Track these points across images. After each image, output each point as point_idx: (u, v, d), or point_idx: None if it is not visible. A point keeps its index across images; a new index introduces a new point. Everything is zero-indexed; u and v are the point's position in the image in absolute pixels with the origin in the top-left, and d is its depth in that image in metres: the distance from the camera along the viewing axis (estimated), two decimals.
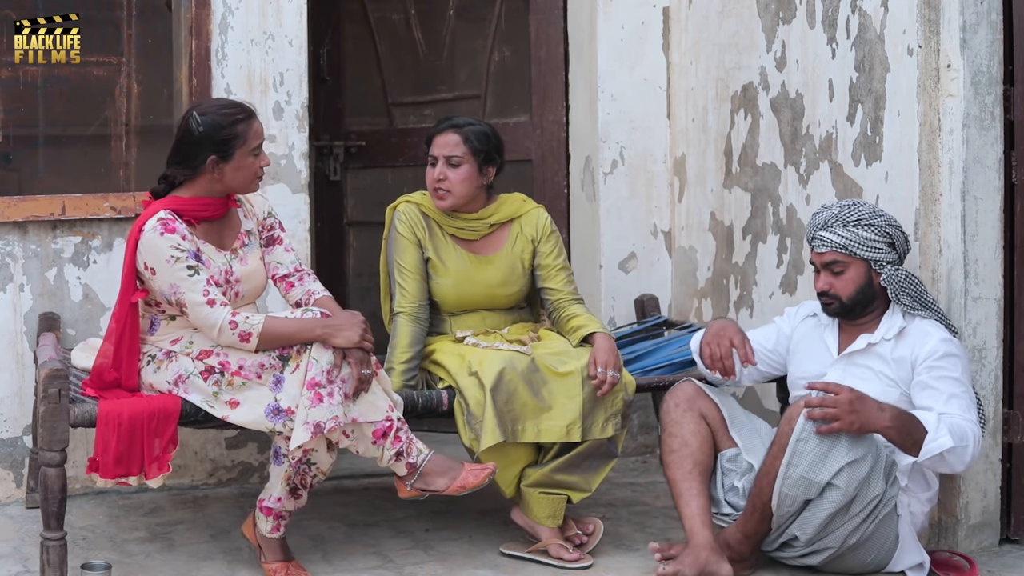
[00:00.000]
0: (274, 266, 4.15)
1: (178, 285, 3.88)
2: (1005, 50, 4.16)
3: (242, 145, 3.96)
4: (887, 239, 4.00)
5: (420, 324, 4.40)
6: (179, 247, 3.88)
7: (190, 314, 3.91)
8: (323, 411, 3.84)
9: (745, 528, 3.98)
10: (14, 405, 4.86)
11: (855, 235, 3.98)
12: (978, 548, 4.21)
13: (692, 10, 5.40)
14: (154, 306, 4.01)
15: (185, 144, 3.96)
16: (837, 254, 4.01)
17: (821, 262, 4.04)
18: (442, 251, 4.44)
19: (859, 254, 3.99)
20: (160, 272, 3.89)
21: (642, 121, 5.52)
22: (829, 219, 4.01)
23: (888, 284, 3.99)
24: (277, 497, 4.04)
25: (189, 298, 3.88)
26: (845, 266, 4.01)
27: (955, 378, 3.89)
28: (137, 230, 3.92)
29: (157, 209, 3.93)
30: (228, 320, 3.88)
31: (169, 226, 3.89)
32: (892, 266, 4.00)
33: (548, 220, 4.52)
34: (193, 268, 3.89)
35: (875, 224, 3.99)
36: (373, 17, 5.95)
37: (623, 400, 4.24)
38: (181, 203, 3.96)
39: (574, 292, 4.48)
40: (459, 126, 4.40)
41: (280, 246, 4.17)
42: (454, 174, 4.37)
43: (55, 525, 3.89)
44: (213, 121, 3.94)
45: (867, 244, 3.98)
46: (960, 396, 3.88)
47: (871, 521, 3.89)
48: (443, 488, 3.99)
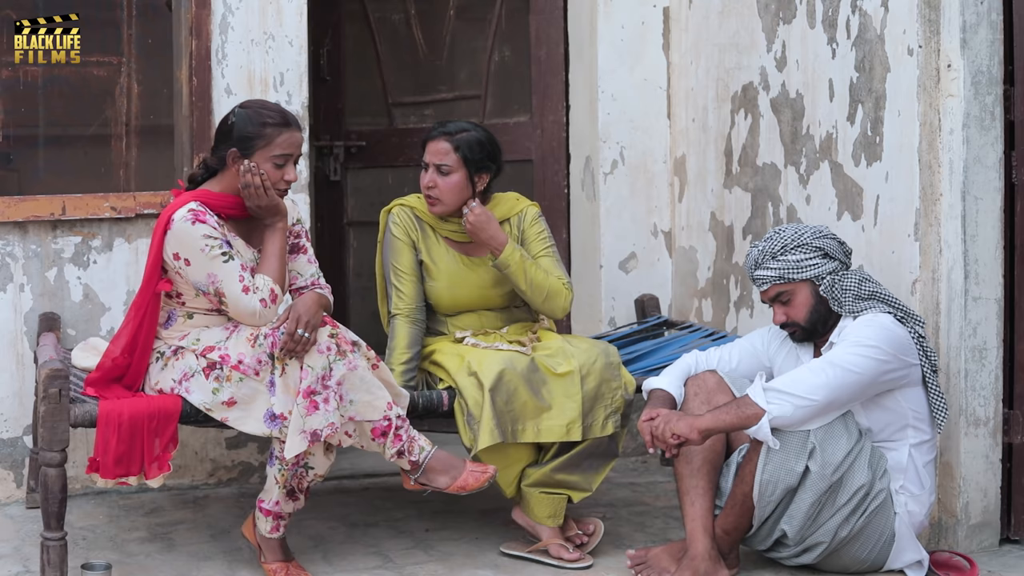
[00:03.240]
0: (294, 275, 4.12)
1: (215, 273, 3.88)
2: (1005, 50, 4.16)
3: (264, 147, 3.94)
4: (819, 252, 4.02)
5: (417, 325, 4.40)
6: (211, 235, 3.88)
7: (228, 302, 3.91)
8: (319, 419, 3.84)
9: (725, 523, 3.98)
10: (14, 405, 4.86)
11: (786, 262, 4.02)
12: (978, 548, 4.21)
13: (692, 10, 5.40)
14: (175, 298, 4.00)
15: (219, 131, 4.02)
16: (778, 286, 4.04)
17: (768, 298, 4.09)
18: (435, 253, 4.44)
19: (797, 278, 4.02)
20: (195, 262, 3.89)
21: (642, 121, 5.52)
22: (758, 257, 4.06)
23: (827, 295, 4.01)
24: (275, 500, 4.04)
25: (228, 287, 3.89)
26: (791, 294, 4.05)
27: (852, 341, 3.90)
28: (166, 219, 3.91)
29: (187, 200, 3.93)
30: (258, 302, 3.90)
31: (200, 216, 3.89)
32: (833, 275, 4.02)
33: (535, 212, 4.50)
34: (227, 255, 3.89)
35: (801, 244, 4.02)
36: (373, 17, 5.95)
37: (623, 397, 4.24)
38: (209, 196, 3.97)
39: (560, 276, 4.43)
40: (451, 133, 4.37)
41: (304, 256, 4.15)
42: (443, 182, 4.36)
43: (55, 525, 3.89)
44: (246, 115, 3.96)
45: (800, 265, 4.02)
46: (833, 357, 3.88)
47: (861, 514, 3.91)
48: (445, 486, 3.99)
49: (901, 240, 4.28)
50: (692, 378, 4.11)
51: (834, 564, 4.01)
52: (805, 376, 3.86)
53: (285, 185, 3.99)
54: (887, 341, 3.90)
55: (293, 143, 3.97)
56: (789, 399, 3.81)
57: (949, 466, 4.22)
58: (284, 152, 3.96)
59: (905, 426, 3.99)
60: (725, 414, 3.86)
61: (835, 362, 3.86)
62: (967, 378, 4.18)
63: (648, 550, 4.14)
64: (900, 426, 3.99)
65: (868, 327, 3.92)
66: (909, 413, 3.98)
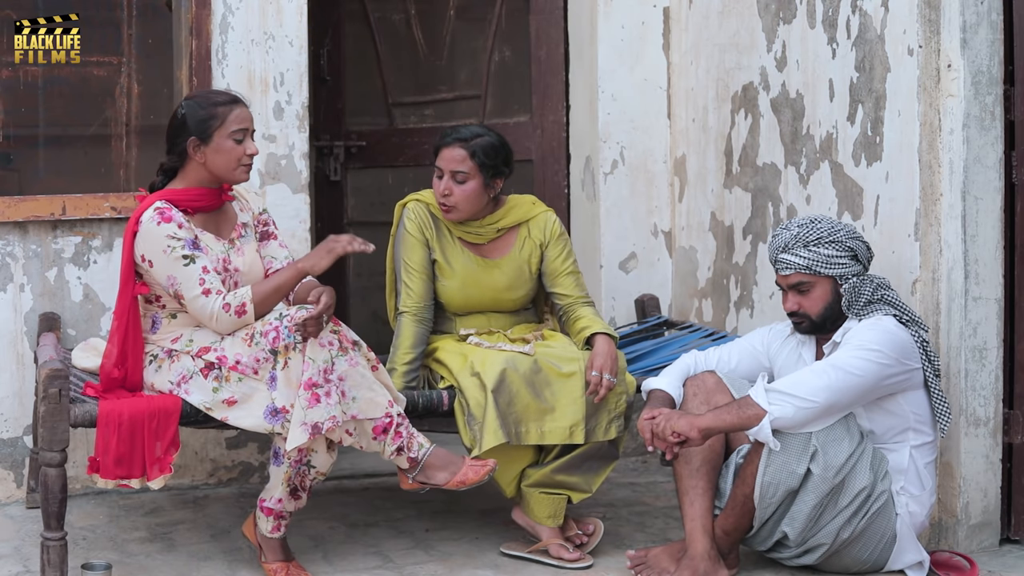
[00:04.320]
0: (269, 260, 4.17)
1: (175, 276, 3.91)
2: (1005, 50, 4.16)
3: (220, 127, 3.99)
4: (849, 253, 4.01)
5: (424, 324, 4.39)
6: (175, 236, 3.90)
7: (187, 306, 3.94)
8: (321, 411, 3.84)
9: (725, 524, 3.98)
10: (14, 405, 4.86)
11: (817, 254, 4.00)
12: (978, 548, 4.21)
13: (692, 10, 5.40)
14: (155, 302, 4.02)
15: (171, 129, 4.04)
16: (802, 275, 4.02)
17: (787, 284, 4.06)
18: (449, 253, 4.43)
19: (824, 272, 4.00)
20: (157, 263, 3.92)
21: (642, 121, 5.52)
22: (789, 241, 4.02)
23: (845, 295, 4.00)
24: (278, 498, 4.04)
25: (186, 289, 3.91)
26: (811, 285, 4.02)
27: (855, 344, 3.89)
28: (134, 222, 3.96)
29: (153, 200, 3.97)
30: (220, 305, 3.91)
31: (166, 215, 3.92)
32: (856, 277, 4.01)
33: (556, 223, 4.49)
34: (188, 258, 3.91)
35: (835, 240, 4.00)
36: (373, 17, 5.95)
37: (626, 402, 4.24)
38: (176, 194, 4.01)
39: (584, 296, 4.46)
40: (466, 140, 4.33)
41: (275, 241, 4.21)
42: (459, 190, 4.34)
43: (55, 525, 3.89)
44: (195, 103, 4.04)
45: (830, 261, 4.00)
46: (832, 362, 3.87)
47: (862, 515, 3.90)
48: (443, 482, 3.99)
49: (901, 240, 4.28)
50: (691, 378, 4.11)
51: (835, 565, 4.00)
52: (807, 378, 3.85)
53: (248, 160, 4.05)
54: (889, 345, 3.90)
55: (245, 117, 4.04)
56: (790, 400, 3.81)
57: (949, 466, 4.22)
58: (240, 127, 4.02)
59: (906, 429, 3.98)
60: (726, 414, 3.85)
61: (837, 364, 3.86)
62: (967, 378, 4.18)
63: (648, 550, 4.14)
64: (902, 429, 3.98)
65: (871, 330, 3.92)
66: (911, 416, 3.98)
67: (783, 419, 3.81)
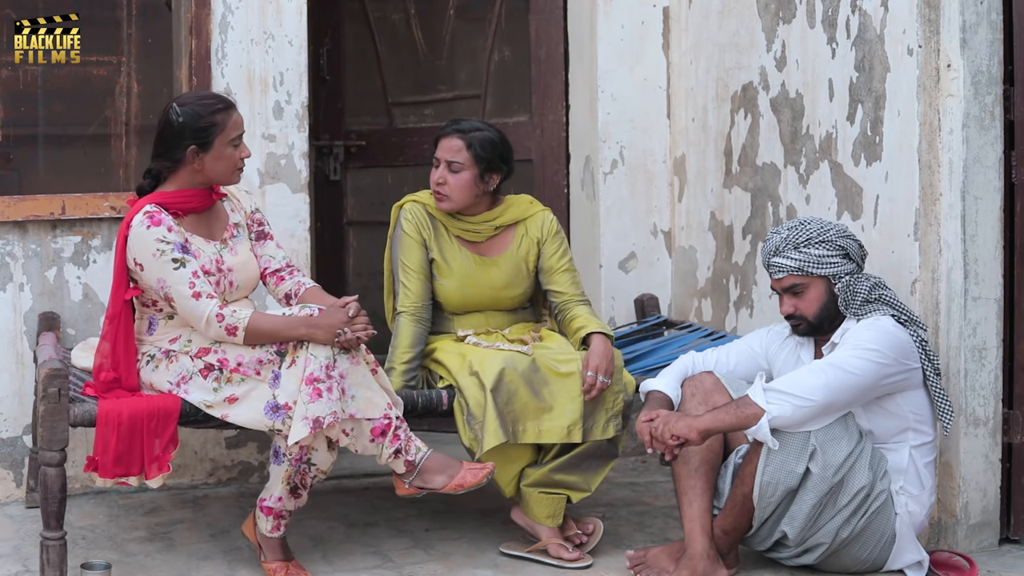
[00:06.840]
0: (266, 260, 4.18)
1: (164, 279, 3.91)
2: (1005, 50, 4.16)
3: (220, 134, 3.99)
4: (840, 252, 4.01)
5: (422, 324, 4.39)
6: (164, 239, 3.90)
7: (177, 308, 3.94)
8: (322, 406, 3.85)
9: (724, 523, 3.98)
10: (14, 405, 4.86)
11: (808, 255, 4.00)
12: (978, 548, 4.21)
13: (692, 10, 5.40)
14: (151, 306, 4.02)
15: (166, 135, 4.01)
16: (794, 277, 4.03)
17: (781, 287, 4.07)
18: (447, 252, 4.43)
19: (816, 273, 4.01)
20: (147, 267, 3.92)
21: (642, 121, 5.52)
22: (779, 244, 4.03)
23: (840, 294, 4.00)
24: (278, 497, 4.04)
25: (176, 291, 3.91)
26: (805, 287, 4.03)
27: (853, 344, 3.89)
28: (125, 227, 3.96)
29: (143, 204, 3.97)
30: (215, 313, 3.91)
31: (155, 219, 3.92)
32: (850, 276, 4.01)
33: (553, 221, 4.51)
34: (178, 261, 3.91)
35: (825, 240, 4.00)
36: (373, 17, 5.95)
37: (624, 401, 4.24)
38: (165, 197, 4.00)
39: (580, 294, 4.47)
40: (464, 131, 4.37)
41: (271, 241, 4.21)
42: (453, 179, 4.36)
43: (55, 525, 3.89)
44: (192, 111, 3.99)
45: (821, 261, 4.00)
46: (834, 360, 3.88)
47: (862, 515, 3.90)
48: (441, 486, 3.99)
49: (901, 240, 4.28)
50: (689, 379, 4.11)
51: (834, 564, 4.01)
52: (805, 377, 3.85)
53: (243, 164, 4.07)
54: (888, 344, 3.90)
55: (240, 121, 4.06)
56: (789, 399, 3.81)
57: (949, 466, 4.22)
58: (238, 132, 4.04)
59: (906, 428, 3.99)
60: (725, 414, 3.85)
61: (835, 364, 3.86)
62: (967, 378, 4.18)
63: (647, 550, 4.14)
64: (901, 429, 3.99)
65: (869, 330, 3.92)
66: (910, 416, 3.98)
67: (781, 418, 3.81)
